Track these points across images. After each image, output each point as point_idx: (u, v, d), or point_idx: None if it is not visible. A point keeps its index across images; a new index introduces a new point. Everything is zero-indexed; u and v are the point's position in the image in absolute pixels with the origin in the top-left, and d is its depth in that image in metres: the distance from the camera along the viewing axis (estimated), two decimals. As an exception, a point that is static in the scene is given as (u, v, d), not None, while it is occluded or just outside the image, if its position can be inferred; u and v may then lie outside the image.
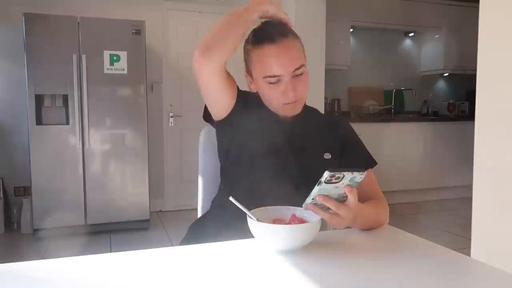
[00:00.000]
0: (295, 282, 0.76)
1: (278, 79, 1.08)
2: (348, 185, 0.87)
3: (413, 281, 0.77)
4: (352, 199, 0.89)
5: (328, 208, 0.90)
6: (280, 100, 1.10)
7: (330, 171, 0.83)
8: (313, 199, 0.89)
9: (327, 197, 0.88)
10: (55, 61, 3.29)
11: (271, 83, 1.09)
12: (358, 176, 0.86)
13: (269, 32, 1.08)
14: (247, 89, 1.21)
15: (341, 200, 0.90)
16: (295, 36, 1.11)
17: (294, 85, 1.08)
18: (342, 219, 0.90)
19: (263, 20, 1.13)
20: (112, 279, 0.77)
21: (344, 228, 0.97)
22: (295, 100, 1.10)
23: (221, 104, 1.15)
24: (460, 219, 3.70)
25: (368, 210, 1.03)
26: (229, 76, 1.14)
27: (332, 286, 0.76)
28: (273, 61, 1.07)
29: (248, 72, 1.17)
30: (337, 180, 0.85)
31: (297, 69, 1.08)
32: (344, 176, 0.84)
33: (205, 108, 1.21)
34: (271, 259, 0.87)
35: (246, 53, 1.14)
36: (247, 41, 1.14)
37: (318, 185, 0.86)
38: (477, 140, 1.86)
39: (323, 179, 0.84)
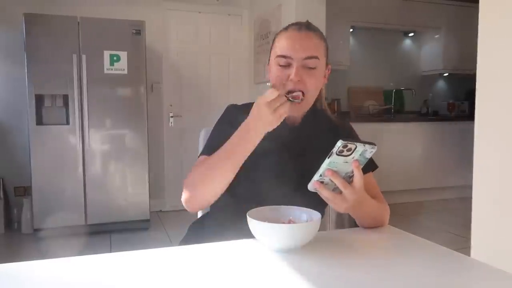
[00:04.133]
0: (295, 282, 0.76)
1: (287, 62, 1.07)
2: (356, 160, 0.87)
3: (413, 281, 0.77)
4: (358, 176, 0.89)
5: (333, 190, 0.90)
6: (284, 86, 1.07)
7: (344, 140, 0.83)
8: (320, 175, 0.88)
9: (335, 173, 0.87)
10: (55, 61, 3.29)
11: (280, 65, 1.09)
12: (369, 150, 0.85)
13: (299, 22, 1.13)
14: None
15: (347, 180, 0.90)
16: (321, 36, 1.13)
17: (301, 74, 1.06)
18: (345, 200, 0.90)
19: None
20: (112, 279, 0.77)
21: (342, 228, 0.97)
22: (297, 89, 1.06)
23: None
24: (460, 219, 3.70)
25: (371, 202, 1.03)
26: None
27: (332, 286, 0.76)
28: (288, 42, 1.09)
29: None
30: (348, 153, 0.84)
31: (309, 58, 1.07)
32: (356, 147, 0.84)
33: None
34: (271, 259, 0.87)
35: (276, 38, 1.17)
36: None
37: (329, 158, 0.85)
38: (476, 140, 1.86)
39: (335, 149, 0.84)
